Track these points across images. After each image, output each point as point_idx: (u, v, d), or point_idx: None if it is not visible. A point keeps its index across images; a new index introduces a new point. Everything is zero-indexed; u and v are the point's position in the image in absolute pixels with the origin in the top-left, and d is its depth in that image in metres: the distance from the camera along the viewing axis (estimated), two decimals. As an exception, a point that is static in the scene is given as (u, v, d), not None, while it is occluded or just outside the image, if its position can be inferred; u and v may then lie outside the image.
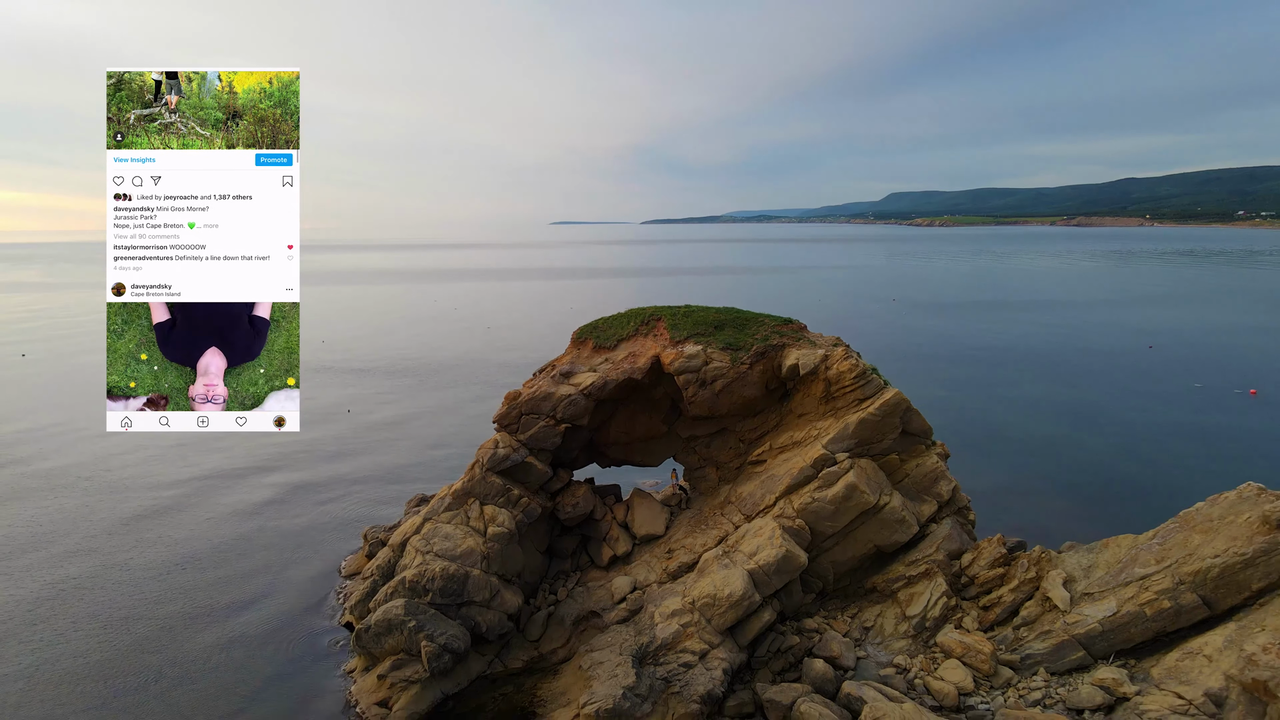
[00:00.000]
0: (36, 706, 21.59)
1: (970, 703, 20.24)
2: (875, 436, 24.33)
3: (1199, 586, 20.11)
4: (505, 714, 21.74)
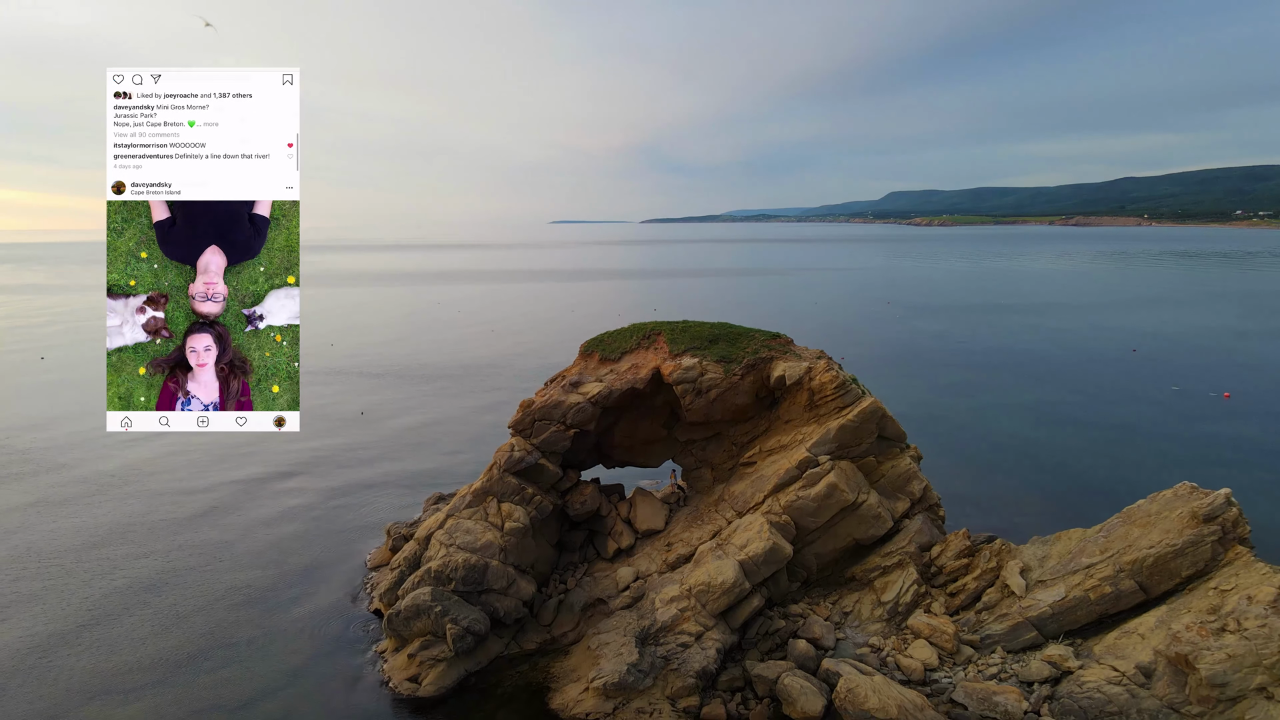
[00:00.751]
0: (106, 682, 24.16)
1: (934, 677, 22.86)
2: (854, 441, 26.95)
3: (1136, 574, 22.74)
4: (522, 689, 24.34)
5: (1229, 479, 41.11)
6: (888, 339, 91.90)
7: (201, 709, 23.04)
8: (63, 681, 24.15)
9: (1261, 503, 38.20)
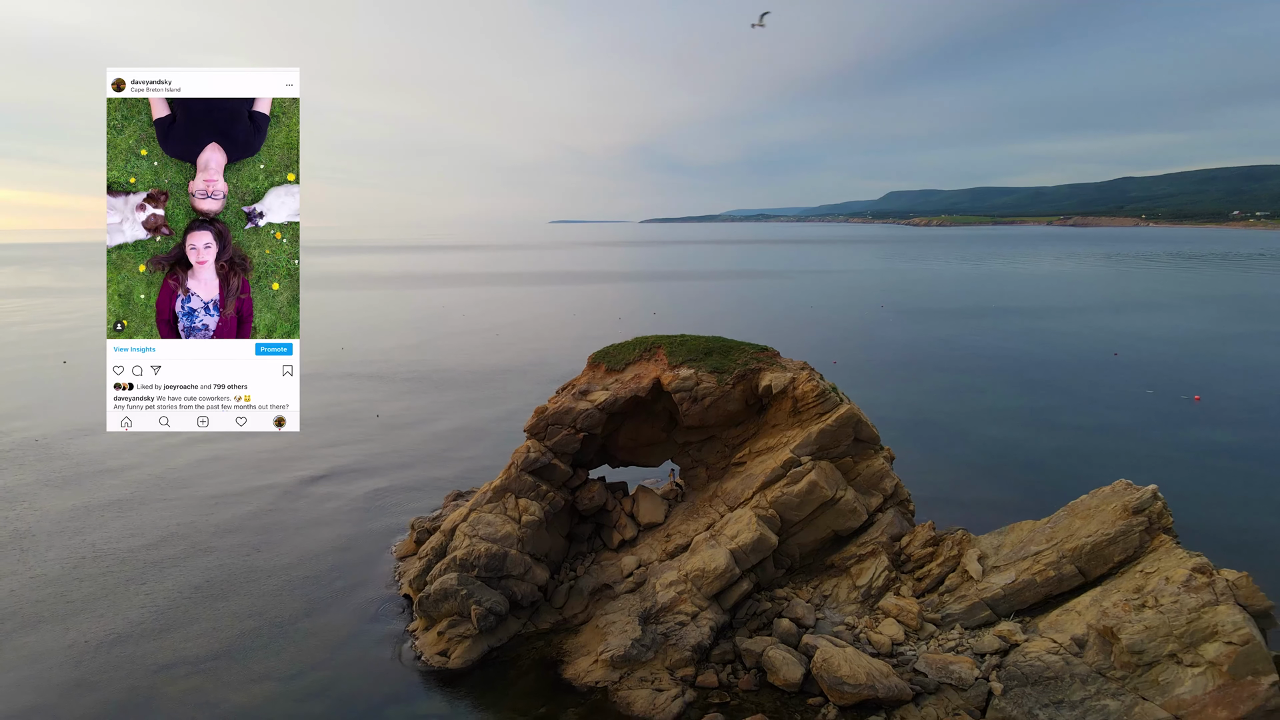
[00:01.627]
0: (173, 657, 27.38)
1: (900, 650, 26.11)
2: (833, 443, 30.21)
3: (1076, 560, 25.99)
4: (538, 662, 27.58)
5: (1185, 477, 44.78)
6: (880, 343, 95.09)
7: (259, 676, 26.29)
8: (135, 658, 27.35)
9: (1210, 499, 41.51)
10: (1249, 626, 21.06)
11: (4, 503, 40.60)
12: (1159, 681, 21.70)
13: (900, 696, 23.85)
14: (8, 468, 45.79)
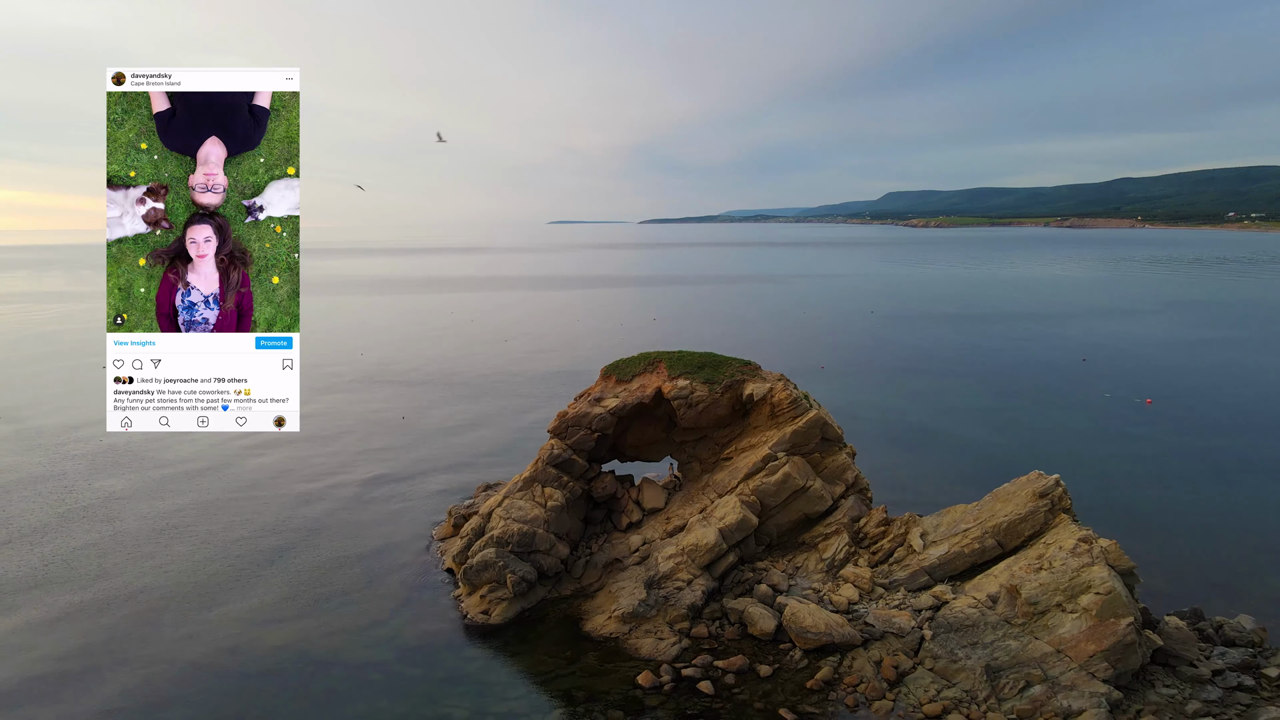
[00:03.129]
0: (256, 616, 33.49)
1: (855, 608, 32.35)
2: (804, 441, 36.49)
3: (996, 535, 32.26)
4: (562, 620, 33.78)
5: (1113, 468, 50.96)
6: (866, 348, 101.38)
7: (335, 631, 32.47)
8: (216, 617, 33.42)
9: (1127, 484, 47.88)
10: (1114, 581, 27.35)
11: (115, 503, 46.10)
12: (1048, 625, 27.98)
13: (852, 642, 30.11)
14: (104, 473, 51.41)
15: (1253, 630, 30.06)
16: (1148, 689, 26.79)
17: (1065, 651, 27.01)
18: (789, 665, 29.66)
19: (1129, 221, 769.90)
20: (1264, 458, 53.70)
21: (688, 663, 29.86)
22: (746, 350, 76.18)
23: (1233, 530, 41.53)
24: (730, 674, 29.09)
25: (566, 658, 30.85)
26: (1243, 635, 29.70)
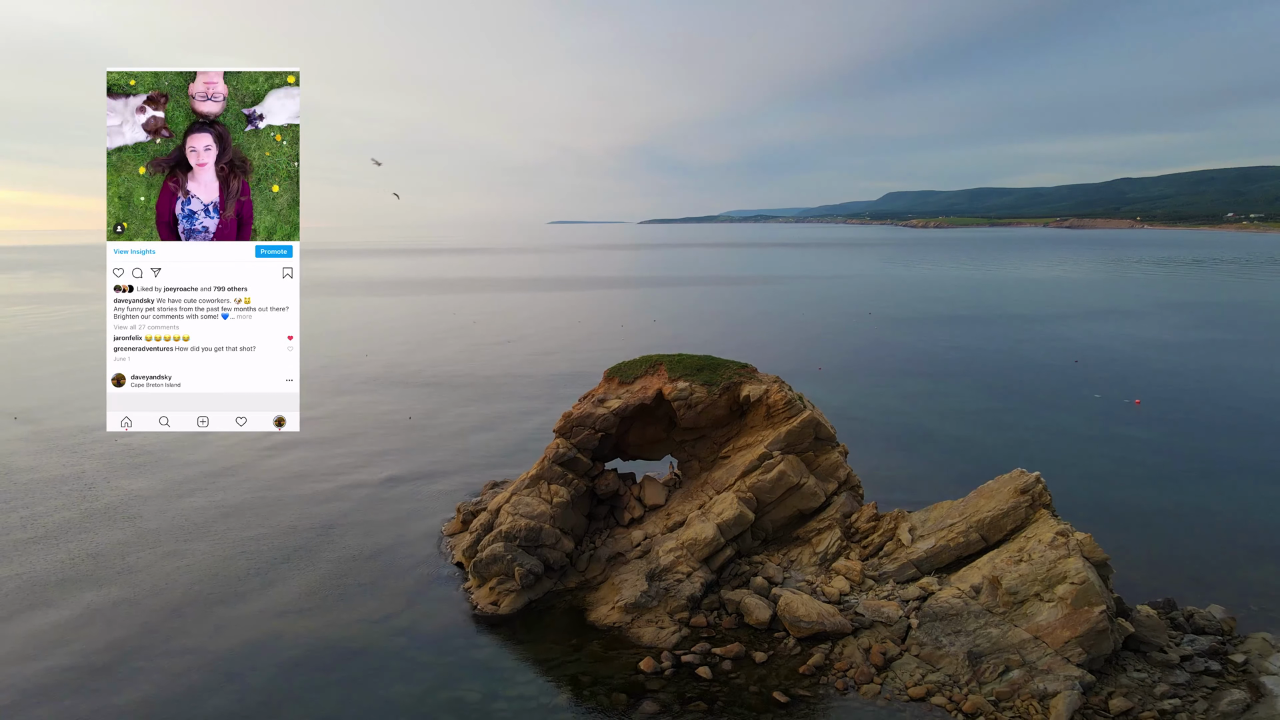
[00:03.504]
0: (280, 607, 35.19)
1: (846, 599, 34.06)
2: (798, 441, 38.20)
3: (980, 529, 33.96)
4: (567, 610, 35.48)
5: (1107, 468, 52.57)
6: (864, 349, 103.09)
7: (354, 620, 34.17)
8: (242, 611, 35.09)
9: (1111, 482, 49.61)
10: (1088, 572, 29.07)
11: (135, 503, 47.63)
12: (1026, 613, 29.70)
13: (842, 630, 31.81)
14: (123, 474, 52.98)
15: (1222, 619, 31.77)
16: (1119, 673, 28.50)
17: (1042, 638, 28.72)
18: (783, 652, 31.36)
19: (1128, 222, 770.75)
20: (1247, 458, 55.38)
21: (687, 650, 31.56)
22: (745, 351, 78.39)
23: (1211, 526, 43.23)
24: (727, 660, 30.81)
25: (572, 645, 32.55)
26: (1212, 624, 31.42)
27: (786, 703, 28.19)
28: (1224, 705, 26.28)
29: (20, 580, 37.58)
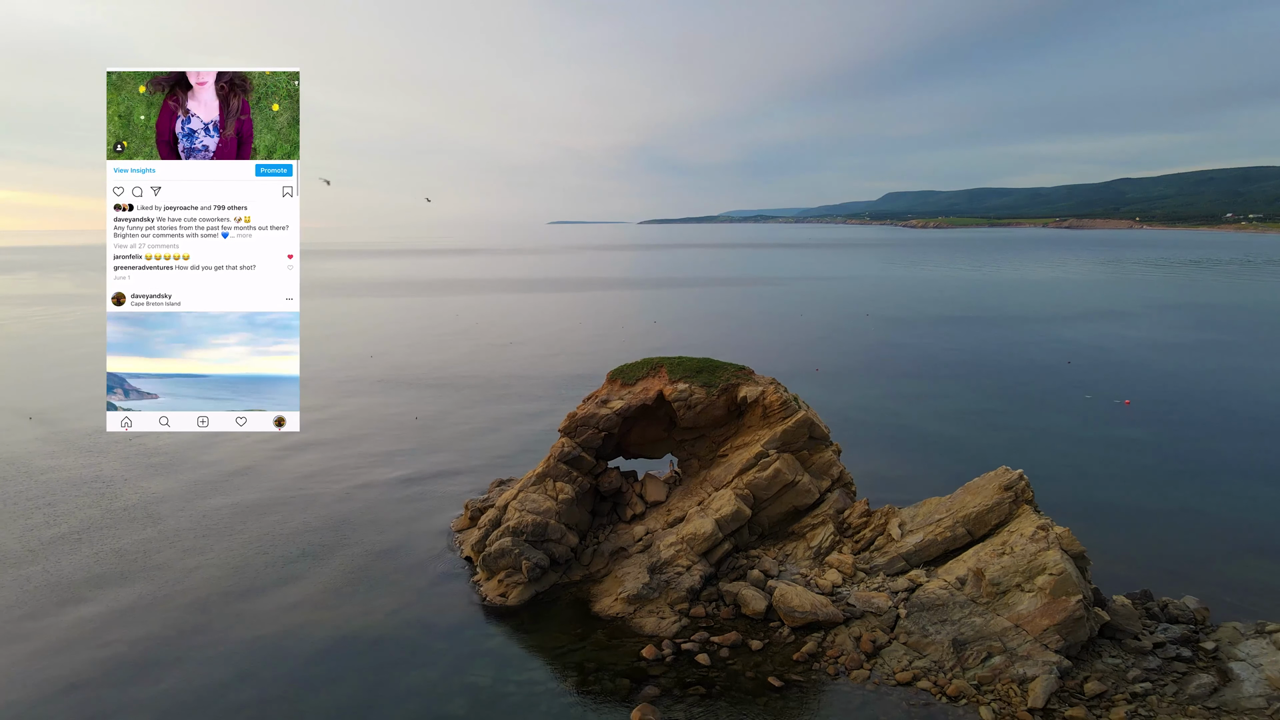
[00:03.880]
0: (302, 600, 36.81)
1: (838, 590, 35.69)
2: (793, 440, 39.85)
3: (966, 524, 35.59)
4: (572, 602, 37.10)
5: (1095, 467, 54.17)
6: (861, 350, 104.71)
7: (369, 613, 35.75)
8: (265, 606, 36.69)
9: (1099, 479, 51.26)
10: (1066, 564, 30.71)
11: (155, 504, 49.15)
12: (1008, 603, 31.34)
13: (834, 620, 33.45)
14: (142, 475, 54.40)
15: (1196, 610, 33.40)
16: (1095, 659, 30.13)
17: (1022, 626, 30.37)
18: (778, 640, 33.01)
19: (1127, 222, 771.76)
20: (1232, 457, 57.00)
21: (687, 638, 33.21)
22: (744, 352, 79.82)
23: (1193, 523, 44.88)
24: (725, 648, 32.45)
25: (577, 634, 34.20)
26: (1186, 614, 33.05)
27: (781, 687, 29.82)
28: (1192, 689, 27.92)
29: (49, 576, 39.21)
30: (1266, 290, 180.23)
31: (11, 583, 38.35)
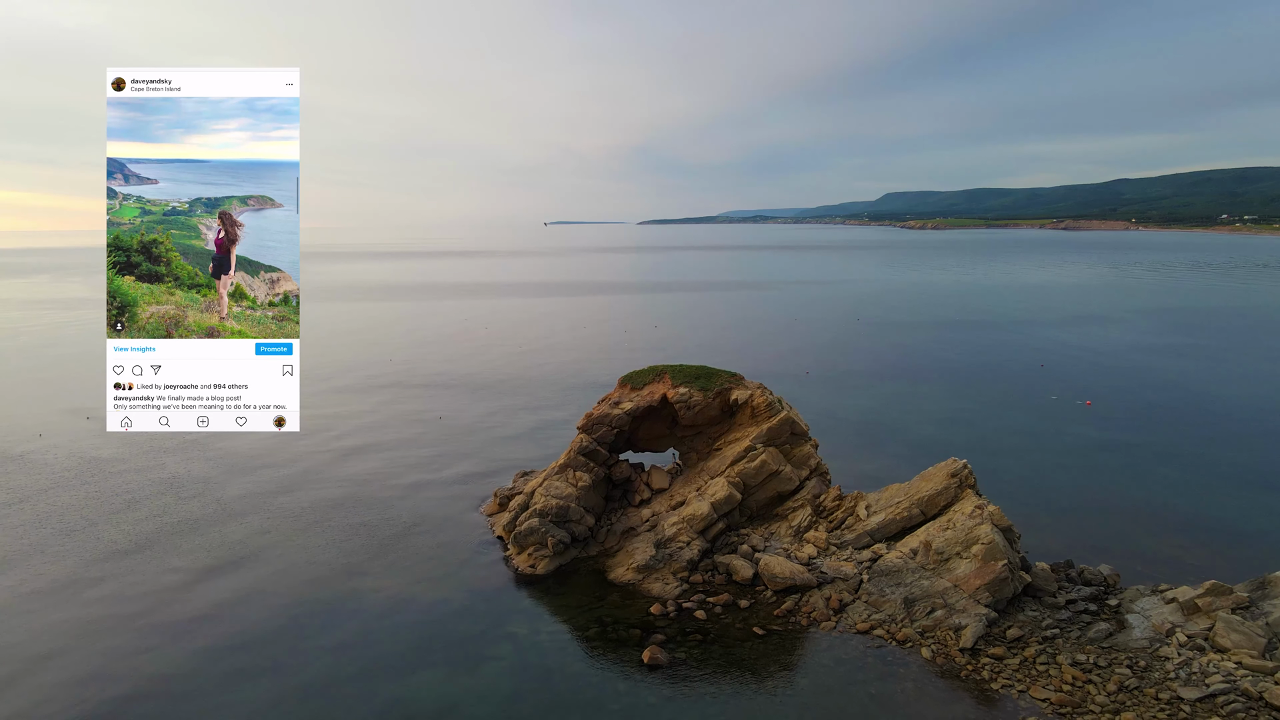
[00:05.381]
0: (358, 568, 43.74)
1: (813, 561, 42.66)
2: (777, 436, 46.85)
3: (920, 505, 42.56)
4: (591, 571, 44.02)
5: (1048, 459, 61.05)
6: (850, 354, 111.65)
7: (422, 580, 42.67)
8: (316, 570, 43.70)
9: (1058, 473, 58.18)
10: (995, 535, 37.69)
11: (246, 500, 55.68)
12: (949, 567, 38.33)
13: (809, 584, 40.42)
14: (226, 476, 61.10)
15: (1108, 575, 40.38)
16: (1018, 611, 37.11)
17: (960, 585, 37.37)
18: (762, 600, 40.01)
19: (1123, 224, 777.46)
20: (1170, 449, 64.01)
21: (687, 599, 40.20)
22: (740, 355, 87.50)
23: (1122, 505, 51.88)
24: (719, 606, 39.45)
25: (596, 597, 41.20)
26: (1098, 578, 40.03)
27: (763, 635, 36.82)
28: (1091, 633, 34.94)
29: (174, 561, 45.97)
30: (1240, 294, 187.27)
31: (140, 568, 44.21)
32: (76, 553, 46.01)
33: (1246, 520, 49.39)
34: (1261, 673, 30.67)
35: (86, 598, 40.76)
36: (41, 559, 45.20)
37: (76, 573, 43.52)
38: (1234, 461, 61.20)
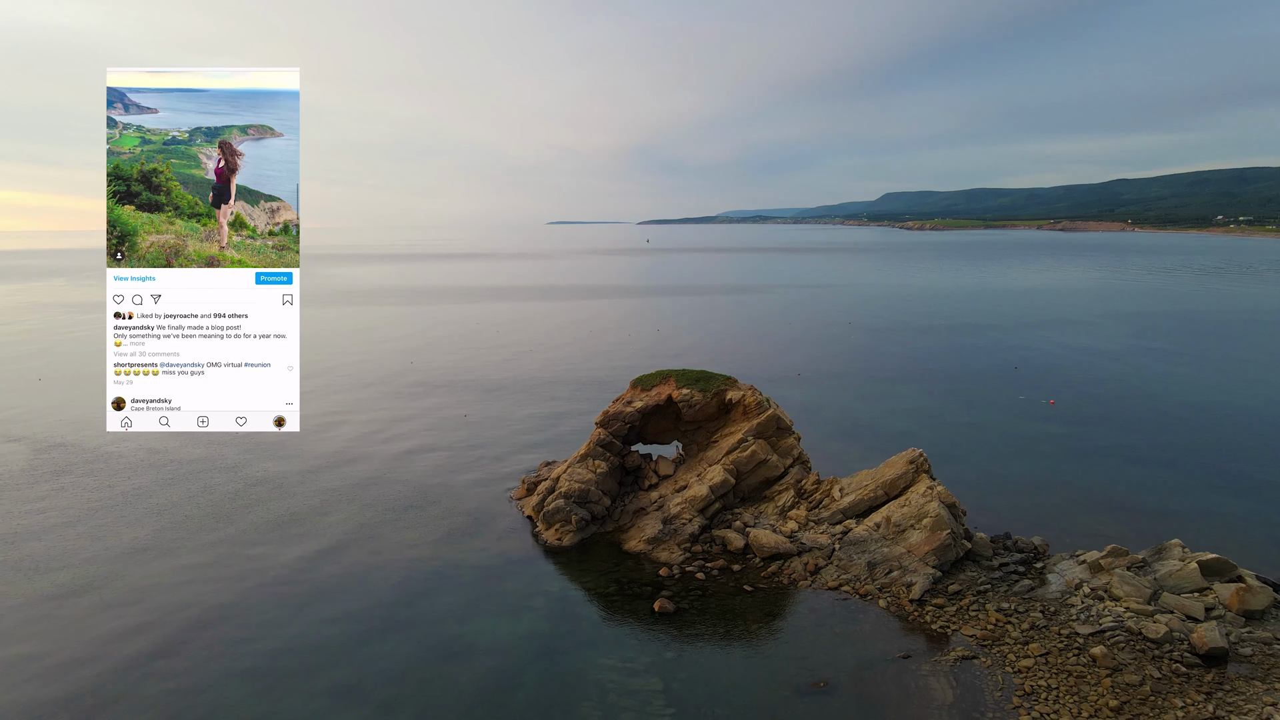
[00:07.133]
0: (406, 552, 51.98)
1: (795, 535, 50.90)
2: (766, 430, 55.14)
3: (884, 487, 50.79)
4: (608, 545, 52.25)
5: (1006, 450, 69.23)
6: (839, 356, 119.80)
7: (464, 552, 50.88)
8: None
9: (1013, 462, 66.41)
10: (942, 510, 45.97)
11: (291, 480, 64.74)
12: (904, 537, 46.61)
13: (790, 552, 48.68)
14: (267, 458, 70.00)
15: (1038, 545, 48.63)
16: (959, 572, 45.38)
17: (913, 551, 45.66)
18: (751, 566, 48.30)
19: (1120, 225, 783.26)
20: (1120, 444, 72.19)
21: (689, 564, 48.49)
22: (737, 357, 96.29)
23: (1063, 489, 60.10)
24: (715, 570, 47.75)
25: (613, 563, 49.50)
26: (1029, 547, 48.30)
27: (751, 591, 45.12)
28: (1016, 588, 43.26)
29: (249, 528, 54.26)
30: (1214, 297, 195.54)
31: (222, 538, 52.79)
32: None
33: (1170, 500, 57.67)
34: (1143, 615, 38.99)
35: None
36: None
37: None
38: (1169, 451, 69.49)
